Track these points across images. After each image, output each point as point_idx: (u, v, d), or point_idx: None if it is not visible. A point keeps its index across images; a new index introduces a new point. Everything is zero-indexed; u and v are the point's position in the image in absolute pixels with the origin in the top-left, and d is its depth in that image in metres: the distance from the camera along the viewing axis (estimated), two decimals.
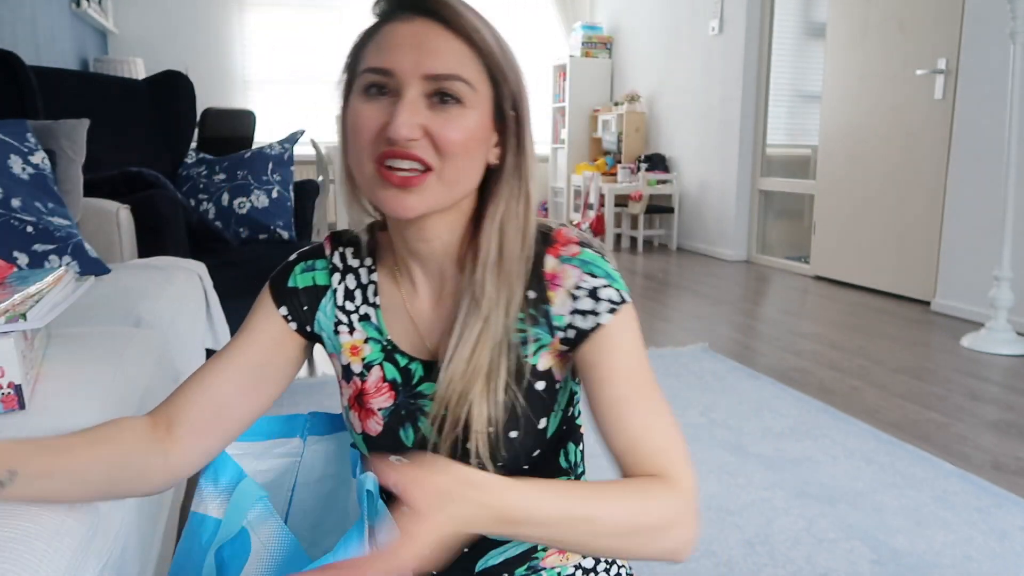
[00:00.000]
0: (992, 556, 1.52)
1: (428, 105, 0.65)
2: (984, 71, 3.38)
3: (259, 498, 0.66)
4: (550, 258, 0.72)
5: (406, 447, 0.75)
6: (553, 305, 0.71)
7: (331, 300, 0.78)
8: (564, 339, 0.72)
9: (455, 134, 0.65)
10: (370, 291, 0.78)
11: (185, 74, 3.02)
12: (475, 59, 0.66)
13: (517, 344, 0.72)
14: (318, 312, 0.78)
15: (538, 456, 0.76)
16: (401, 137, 0.63)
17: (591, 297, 0.70)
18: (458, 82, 0.65)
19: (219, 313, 2.01)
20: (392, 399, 0.75)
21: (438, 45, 0.65)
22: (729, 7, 5.13)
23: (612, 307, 0.70)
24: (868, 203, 4.14)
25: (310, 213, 2.87)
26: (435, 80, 0.65)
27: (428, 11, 0.66)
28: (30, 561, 0.59)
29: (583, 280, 0.71)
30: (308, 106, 6.48)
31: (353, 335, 0.78)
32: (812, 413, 2.29)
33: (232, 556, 0.65)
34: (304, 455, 0.86)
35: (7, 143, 1.68)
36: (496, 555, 0.78)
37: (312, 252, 0.81)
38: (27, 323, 0.83)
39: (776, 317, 3.65)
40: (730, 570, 1.46)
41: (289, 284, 0.79)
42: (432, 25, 0.65)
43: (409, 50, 0.65)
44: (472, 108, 0.66)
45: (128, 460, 0.69)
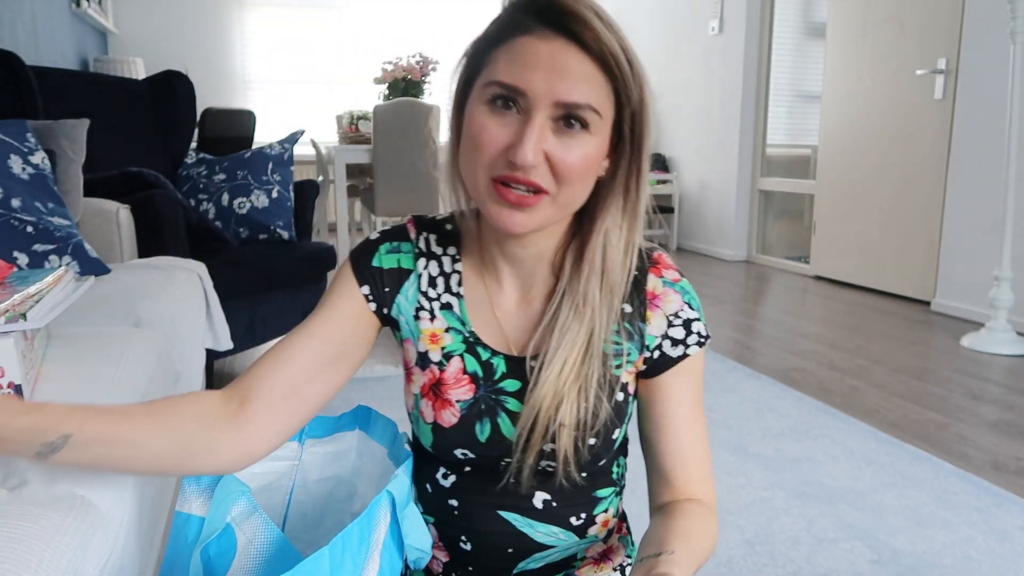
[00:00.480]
0: (992, 556, 1.52)
1: (553, 129, 0.64)
2: (984, 71, 3.38)
3: (242, 493, 0.66)
4: (653, 277, 0.75)
5: (479, 441, 0.75)
6: (649, 324, 0.74)
7: (415, 285, 0.77)
8: (648, 359, 0.75)
9: (575, 160, 0.65)
10: (453, 280, 0.77)
11: (185, 74, 3.01)
12: (606, 84, 0.64)
13: (609, 355, 0.74)
14: (399, 296, 0.77)
15: (602, 465, 0.78)
16: (527, 163, 0.63)
17: (685, 328, 0.75)
18: (589, 112, 0.64)
19: (219, 313, 2.01)
20: (472, 392, 0.75)
21: (574, 71, 0.63)
22: (729, 7, 5.13)
23: (700, 341, 0.75)
24: (868, 203, 4.14)
25: (310, 213, 2.87)
26: (566, 108, 0.63)
27: (569, 31, 0.63)
28: (30, 561, 0.59)
29: (682, 309, 0.75)
30: (308, 106, 6.48)
31: (434, 323, 0.77)
32: (812, 413, 2.29)
33: (218, 554, 0.64)
34: (303, 458, 0.86)
35: (7, 143, 1.68)
36: (539, 559, 0.79)
37: (396, 233, 0.79)
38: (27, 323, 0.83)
39: (776, 317, 3.65)
40: (730, 570, 1.46)
41: (373, 263, 0.77)
42: (571, 48, 0.63)
43: (545, 72, 0.63)
44: (595, 134, 0.65)
45: (196, 433, 0.67)
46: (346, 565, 0.58)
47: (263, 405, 0.71)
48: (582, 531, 0.79)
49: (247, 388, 0.71)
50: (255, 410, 0.70)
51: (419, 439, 0.79)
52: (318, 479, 0.86)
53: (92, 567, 0.67)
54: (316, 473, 0.86)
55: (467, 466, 0.77)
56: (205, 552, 0.64)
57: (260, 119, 4.62)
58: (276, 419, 0.71)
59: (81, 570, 0.65)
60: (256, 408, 0.70)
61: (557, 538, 0.78)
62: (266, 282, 2.45)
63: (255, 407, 0.70)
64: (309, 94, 6.52)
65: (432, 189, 4.74)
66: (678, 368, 0.75)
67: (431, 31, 6.71)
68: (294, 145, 2.76)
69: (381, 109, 4.49)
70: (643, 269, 0.75)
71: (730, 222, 5.25)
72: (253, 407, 0.70)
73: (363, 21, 6.58)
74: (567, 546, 0.79)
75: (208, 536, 0.64)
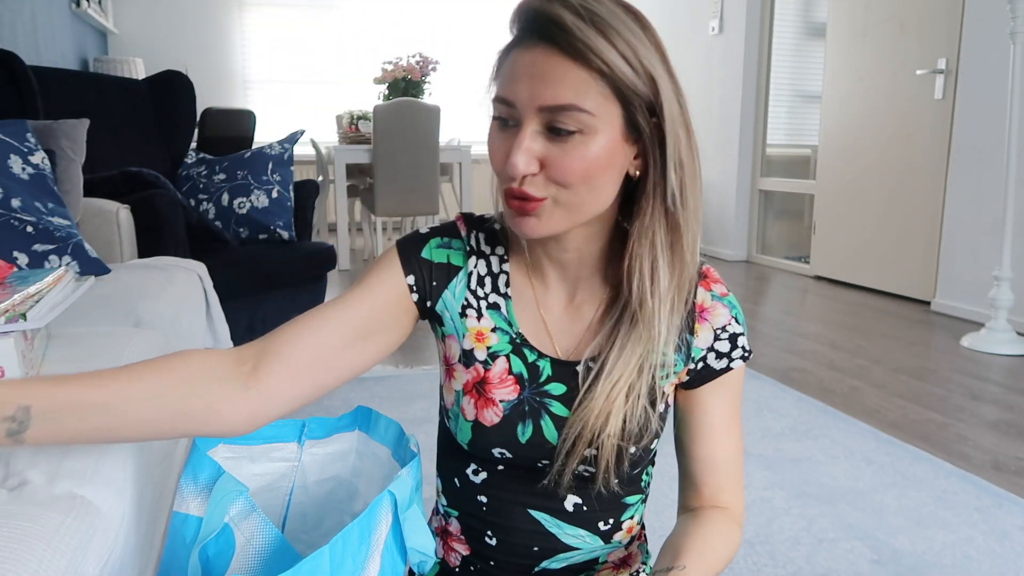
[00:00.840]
0: (992, 556, 1.52)
1: (547, 136, 0.64)
2: (984, 71, 3.38)
3: (239, 493, 0.65)
4: (702, 290, 0.76)
5: (519, 442, 0.75)
6: (697, 337, 0.75)
7: (463, 281, 0.77)
8: (691, 371, 0.76)
9: (573, 164, 0.63)
10: (501, 281, 0.77)
11: (185, 74, 3.02)
12: (597, 82, 0.62)
13: (656, 366, 0.73)
14: (446, 291, 0.76)
15: (636, 473, 0.79)
16: (516, 174, 0.64)
17: (731, 342, 0.76)
18: (575, 112, 0.62)
19: (219, 313, 2.01)
20: (516, 392, 0.75)
21: (554, 75, 0.62)
22: (729, 7, 5.13)
23: (744, 355, 0.76)
24: (868, 203, 4.14)
25: (310, 213, 2.87)
26: (550, 112, 0.63)
27: (546, 37, 0.63)
28: (30, 561, 0.59)
29: (730, 324, 0.76)
30: (308, 106, 6.48)
31: (480, 321, 0.76)
32: (812, 413, 2.29)
33: (217, 554, 0.64)
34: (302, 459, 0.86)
35: (7, 143, 1.68)
36: (562, 559, 0.80)
37: (447, 230, 0.78)
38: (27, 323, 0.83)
39: (776, 317, 3.65)
40: (730, 570, 1.46)
41: (423, 255, 0.76)
42: (549, 53, 0.62)
43: (526, 81, 0.63)
44: (594, 134, 0.63)
45: (191, 393, 0.64)
46: (346, 565, 0.58)
47: (283, 367, 0.68)
48: (608, 536, 0.80)
49: (266, 350, 0.68)
50: (272, 371, 0.68)
51: (453, 435, 0.79)
52: (317, 480, 0.86)
53: (92, 567, 0.67)
54: (315, 474, 0.86)
55: (501, 464, 0.77)
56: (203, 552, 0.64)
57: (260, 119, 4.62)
58: (295, 383, 0.69)
59: (81, 570, 0.65)
60: (274, 370, 0.68)
61: (583, 541, 0.79)
62: (266, 282, 2.45)
63: (273, 368, 0.68)
64: (309, 94, 6.52)
65: (432, 189, 4.74)
66: (719, 381, 0.77)
67: (431, 31, 6.71)
68: (294, 145, 2.76)
69: (381, 109, 4.49)
70: (693, 281, 0.75)
71: (730, 222, 5.25)
72: (270, 368, 0.68)
73: (363, 21, 6.58)
74: (591, 549, 0.80)
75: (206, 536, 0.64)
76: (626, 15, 0.64)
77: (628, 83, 0.63)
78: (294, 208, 2.75)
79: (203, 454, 0.70)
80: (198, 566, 0.64)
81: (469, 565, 0.83)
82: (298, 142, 2.80)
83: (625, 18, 0.63)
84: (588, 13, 0.62)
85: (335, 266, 2.82)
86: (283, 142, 2.75)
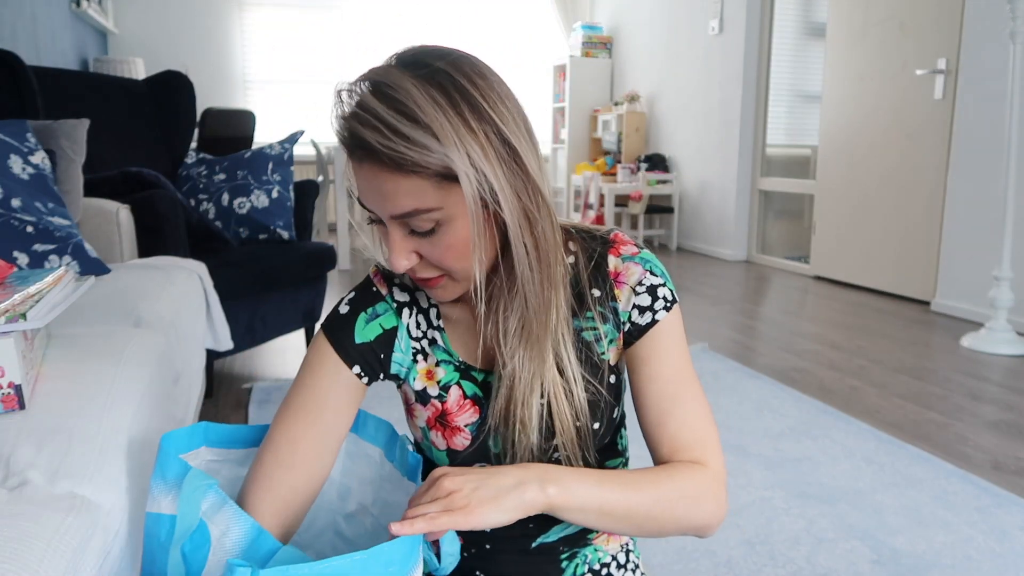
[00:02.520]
0: (992, 556, 1.52)
1: (415, 235, 0.67)
2: (984, 71, 3.38)
3: (209, 487, 0.65)
4: (612, 257, 0.76)
5: (494, 453, 0.77)
6: (620, 302, 0.76)
7: (404, 338, 0.78)
8: (625, 335, 0.76)
9: (444, 253, 0.67)
10: (432, 314, 0.79)
11: (185, 74, 3.02)
12: (426, 180, 0.63)
13: (591, 342, 0.76)
14: (394, 354, 0.78)
15: (608, 442, 0.80)
16: (399, 271, 0.68)
17: (649, 294, 0.75)
18: (422, 214, 0.64)
19: (219, 313, 2.01)
20: (477, 413, 0.77)
21: (385, 189, 0.63)
22: (729, 7, 5.13)
23: (667, 305, 0.75)
24: (868, 203, 4.14)
25: (310, 213, 2.87)
26: (402, 218, 0.65)
27: (363, 158, 0.63)
28: (30, 561, 0.59)
29: (645, 277, 0.75)
30: (308, 106, 6.48)
31: (427, 360, 0.79)
32: (812, 413, 2.29)
33: (193, 550, 0.64)
34: None
35: (7, 143, 1.68)
36: (557, 531, 0.81)
37: (366, 298, 0.78)
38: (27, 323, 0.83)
39: (776, 317, 3.65)
40: (730, 570, 1.46)
41: (357, 341, 0.76)
42: (374, 170, 0.63)
43: (370, 196, 0.65)
44: (451, 222, 0.65)
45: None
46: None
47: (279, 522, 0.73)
48: None
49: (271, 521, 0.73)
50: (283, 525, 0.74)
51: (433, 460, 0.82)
52: None
53: (91, 567, 0.67)
54: None
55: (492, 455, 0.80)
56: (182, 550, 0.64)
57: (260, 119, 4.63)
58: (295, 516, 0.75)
59: (81, 570, 0.65)
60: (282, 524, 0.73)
61: None
62: (266, 282, 2.45)
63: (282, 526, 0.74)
64: (309, 94, 6.52)
65: None
66: (651, 336, 0.75)
67: (431, 31, 6.71)
68: (294, 145, 2.76)
69: None
70: (603, 253, 0.76)
71: (730, 222, 5.25)
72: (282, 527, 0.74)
73: (363, 21, 6.58)
74: None
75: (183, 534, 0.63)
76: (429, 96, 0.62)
77: (452, 169, 0.62)
78: (294, 208, 2.75)
79: (169, 453, 0.69)
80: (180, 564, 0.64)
81: (463, 552, 0.83)
82: (298, 142, 2.80)
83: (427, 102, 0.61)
84: (389, 119, 0.61)
85: (335, 266, 2.82)
86: (283, 142, 2.75)
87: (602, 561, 0.85)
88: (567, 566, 0.83)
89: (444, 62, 0.64)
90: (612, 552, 0.86)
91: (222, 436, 0.79)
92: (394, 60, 0.66)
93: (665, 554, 1.51)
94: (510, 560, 0.82)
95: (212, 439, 0.78)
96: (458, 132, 0.62)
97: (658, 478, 0.70)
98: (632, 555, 0.88)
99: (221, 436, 0.79)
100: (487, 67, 0.67)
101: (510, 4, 6.92)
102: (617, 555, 0.86)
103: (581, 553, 0.83)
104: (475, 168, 0.63)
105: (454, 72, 0.63)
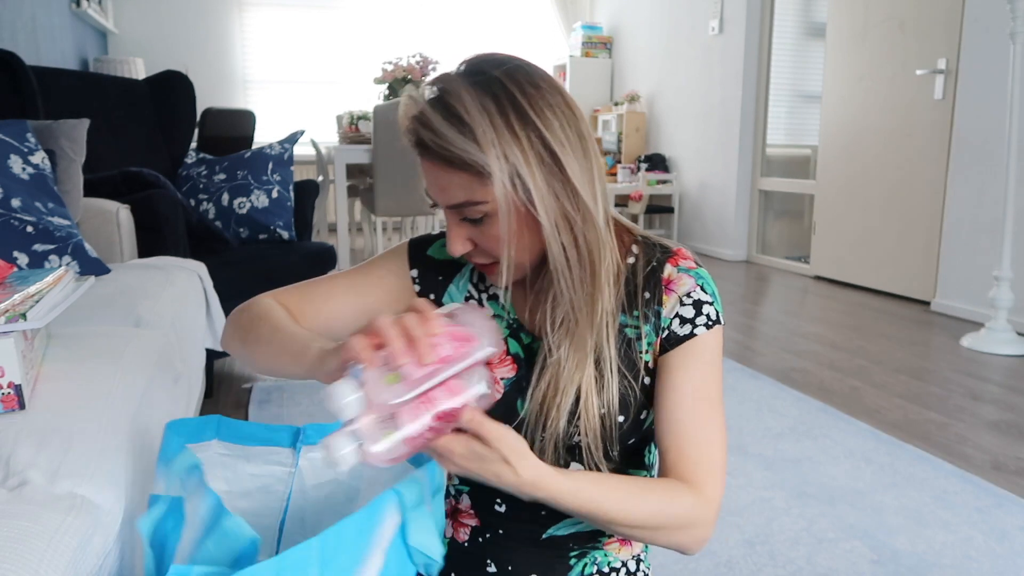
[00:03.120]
0: (992, 556, 1.52)
1: (468, 222, 0.73)
2: (984, 71, 3.38)
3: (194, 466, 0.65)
4: (669, 266, 0.80)
5: (518, 415, 0.80)
6: (664, 307, 0.79)
7: (466, 276, 0.85)
8: (662, 340, 0.79)
9: (493, 242, 0.73)
10: None
11: (185, 74, 3.02)
12: (477, 177, 0.69)
13: (632, 339, 0.79)
14: (451, 285, 0.85)
15: (631, 445, 0.81)
16: (456, 255, 0.75)
17: (695, 308, 0.78)
18: (471, 206, 0.71)
19: (219, 313, 2.01)
20: (515, 371, 0.81)
21: (443, 182, 0.71)
22: (729, 7, 5.13)
23: (708, 323, 0.78)
24: (868, 203, 4.14)
25: (310, 213, 2.87)
26: (457, 208, 0.72)
27: (423, 153, 0.72)
28: (30, 561, 0.59)
29: (694, 291, 0.78)
30: (308, 106, 6.48)
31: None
32: (812, 413, 2.29)
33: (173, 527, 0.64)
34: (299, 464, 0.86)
35: (7, 143, 1.68)
36: (569, 524, 0.83)
37: None
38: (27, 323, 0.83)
39: (776, 317, 3.65)
40: (730, 570, 1.46)
41: (429, 252, 0.86)
42: (433, 165, 0.71)
43: (432, 187, 0.74)
44: (497, 214, 0.71)
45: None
46: (339, 559, 0.57)
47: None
48: None
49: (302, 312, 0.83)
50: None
51: None
52: (315, 484, 0.86)
53: (91, 566, 0.67)
54: (313, 479, 0.86)
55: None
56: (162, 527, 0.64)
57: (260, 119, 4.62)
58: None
59: (81, 569, 0.65)
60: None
61: None
62: (266, 282, 2.44)
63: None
64: (309, 94, 6.52)
65: None
66: (685, 348, 0.77)
67: (431, 31, 6.71)
68: (294, 145, 2.76)
69: (381, 109, 4.49)
70: (661, 260, 0.80)
71: (730, 222, 5.25)
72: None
73: (363, 21, 6.58)
74: None
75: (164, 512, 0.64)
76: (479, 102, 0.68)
77: (494, 165, 0.68)
78: (294, 208, 2.75)
79: (172, 437, 0.70)
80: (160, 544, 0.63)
81: (478, 536, 0.85)
82: (298, 142, 2.80)
83: (476, 108, 0.68)
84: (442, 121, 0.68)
85: (335, 266, 2.82)
86: (283, 142, 2.75)
87: (612, 566, 0.85)
88: (576, 564, 0.84)
89: (501, 71, 0.70)
90: (623, 559, 0.86)
91: (234, 431, 0.79)
92: (462, 67, 0.73)
93: (665, 554, 1.51)
94: (521, 550, 0.83)
95: (225, 433, 0.78)
96: (499, 135, 0.68)
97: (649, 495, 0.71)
98: (643, 565, 0.88)
99: (233, 431, 0.79)
100: (546, 79, 0.73)
101: (510, 4, 6.92)
102: (627, 562, 0.87)
103: (591, 554, 0.84)
104: (510, 169, 0.69)
105: (507, 81, 0.70)
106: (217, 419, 0.77)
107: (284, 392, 2.46)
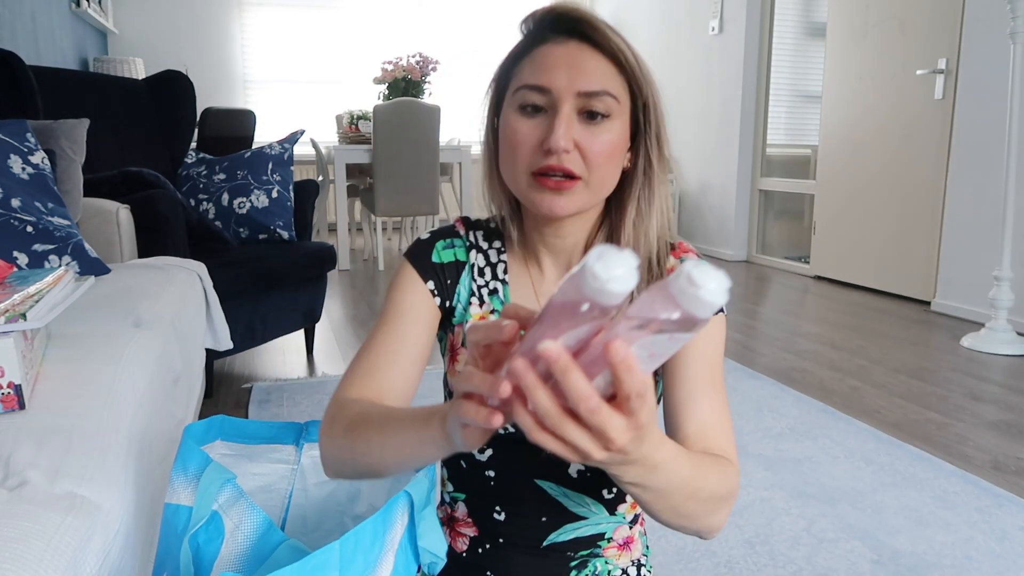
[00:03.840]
0: (992, 556, 1.52)
1: (580, 120, 0.73)
2: (984, 71, 3.38)
3: (227, 480, 0.66)
4: (672, 259, 0.83)
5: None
6: None
7: (469, 274, 0.85)
8: None
9: (602, 146, 0.73)
10: (500, 269, 0.85)
11: (185, 74, 3.02)
12: (619, 75, 0.74)
13: None
14: (459, 285, 0.84)
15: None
16: (559, 148, 0.71)
17: None
18: (607, 97, 0.72)
19: (219, 313, 2.01)
20: None
21: (589, 65, 0.73)
22: (729, 7, 5.13)
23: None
24: (868, 203, 4.14)
25: (310, 213, 2.87)
26: (587, 97, 0.72)
27: (580, 34, 0.74)
28: (30, 561, 0.59)
29: None
30: (308, 106, 6.48)
31: (482, 307, 0.84)
32: (812, 413, 2.29)
33: (207, 541, 0.64)
34: (301, 462, 0.86)
35: (7, 143, 1.68)
36: (569, 531, 0.82)
37: (447, 232, 0.86)
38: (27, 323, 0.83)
39: (776, 317, 3.65)
40: (730, 570, 1.46)
41: (434, 259, 0.84)
42: (583, 47, 0.73)
43: (565, 70, 0.73)
44: (616, 119, 0.74)
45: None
46: (357, 562, 0.58)
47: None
48: (612, 506, 0.83)
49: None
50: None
51: None
52: (317, 483, 0.86)
53: (91, 566, 0.67)
54: (315, 477, 0.86)
55: (507, 439, 0.80)
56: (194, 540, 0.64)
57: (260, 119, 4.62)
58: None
59: (81, 569, 0.65)
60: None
61: (588, 510, 0.82)
62: (266, 282, 2.45)
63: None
64: (309, 94, 6.52)
65: (432, 189, 4.74)
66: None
67: (431, 31, 6.71)
68: (294, 145, 2.76)
69: (381, 109, 4.49)
70: (664, 252, 0.83)
71: (730, 222, 5.25)
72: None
73: (363, 21, 6.58)
74: (596, 520, 0.82)
75: (196, 524, 0.64)
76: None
77: (639, 82, 0.75)
78: (294, 208, 2.75)
79: (192, 445, 0.70)
80: (188, 554, 0.64)
81: (477, 547, 0.84)
82: (298, 142, 2.80)
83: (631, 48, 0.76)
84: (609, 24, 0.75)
85: (335, 266, 2.82)
86: (283, 142, 2.75)
87: (612, 574, 0.85)
88: (576, 575, 0.83)
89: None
90: (623, 566, 0.86)
91: (237, 430, 0.80)
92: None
93: (665, 554, 1.51)
94: (520, 560, 0.82)
95: (228, 433, 0.79)
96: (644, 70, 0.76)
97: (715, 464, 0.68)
98: (644, 569, 0.88)
99: (236, 430, 0.80)
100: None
101: (510, 4, 6.92)
102: (628, 569, 0.86)
103: (591, 563, 0.84)
104: (646, 93, 0.75)
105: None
106: (220, 419, 0.78)
107: (284, 392, 2.46)
